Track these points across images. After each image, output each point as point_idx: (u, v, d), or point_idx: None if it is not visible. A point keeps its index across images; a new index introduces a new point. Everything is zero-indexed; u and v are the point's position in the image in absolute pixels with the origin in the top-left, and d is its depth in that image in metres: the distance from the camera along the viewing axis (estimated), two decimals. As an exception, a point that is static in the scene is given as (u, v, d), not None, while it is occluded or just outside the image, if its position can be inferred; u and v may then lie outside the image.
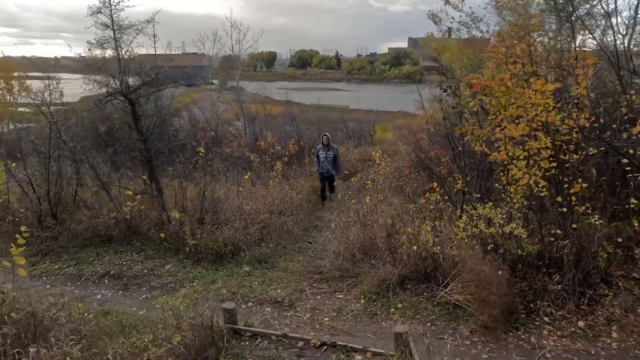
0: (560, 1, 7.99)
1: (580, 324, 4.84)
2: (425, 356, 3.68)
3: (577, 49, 7.16)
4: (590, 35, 7.28)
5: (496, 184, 6.17)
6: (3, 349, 3.12)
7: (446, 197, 6.49)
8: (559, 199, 5.36)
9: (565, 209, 5.38)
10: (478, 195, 6.19)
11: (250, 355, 3.64)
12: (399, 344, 3.44)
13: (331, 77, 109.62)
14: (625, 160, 5.29)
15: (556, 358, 4.36)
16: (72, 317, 3.85)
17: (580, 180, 5.32)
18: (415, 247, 5.67)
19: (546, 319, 4.93)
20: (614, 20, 7.40)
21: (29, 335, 3.33)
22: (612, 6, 8.70)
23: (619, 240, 5.39)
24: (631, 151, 5.17)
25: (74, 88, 10.43)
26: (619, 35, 7.16)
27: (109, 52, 8.02)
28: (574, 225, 5.34)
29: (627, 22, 7.98)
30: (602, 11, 8.06)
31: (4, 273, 4.46)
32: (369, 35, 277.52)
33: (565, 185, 5.44)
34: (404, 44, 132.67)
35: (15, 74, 25.60)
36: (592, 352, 4.41)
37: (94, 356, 3.25)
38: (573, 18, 6.90)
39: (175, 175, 9.31)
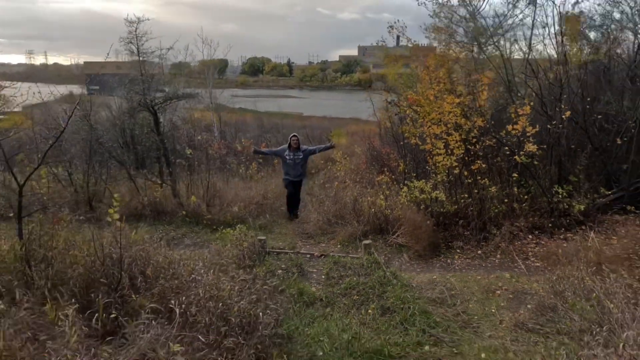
0: (468, 41, 10.85)
1: (479, 252, 7.54)
2: (383, 262, 6.23)
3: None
4: (492, 63, 10.22)
5: (426, 166, 8.88)
6: (141, 259, 5.35)
7: (393, 177, 9.18)
8: (466, 173, 8.12)
9: (470, 181, 8.14)
10: (414, 174, 8.91)
11: (280, 260, 6.14)
12: (367, 250, 6.01)
13: (283, 84, 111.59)
14: (506, 148, 8.09)
15: (462, 269, 7.01)
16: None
17: (479, 161, 8.09)
18: (373, 210, 8.27)
19: (458, 250, 7.61)
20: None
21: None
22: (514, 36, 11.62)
23: (506, 200, 8.19)
24: (509, 141, 7.99)
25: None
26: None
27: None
28: (476, 192, 8.11)
29: (524, 49, 11.00)
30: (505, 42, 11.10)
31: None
32: (320, 43, 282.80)
33: (472, 166, 8.21)
34: (354, 51, 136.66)
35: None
36: (483, 264, 7.12)
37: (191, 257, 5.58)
38: (477, 50, 9.78)
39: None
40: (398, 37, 16.07)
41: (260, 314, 3.76)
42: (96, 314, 3.82)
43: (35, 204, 9.92)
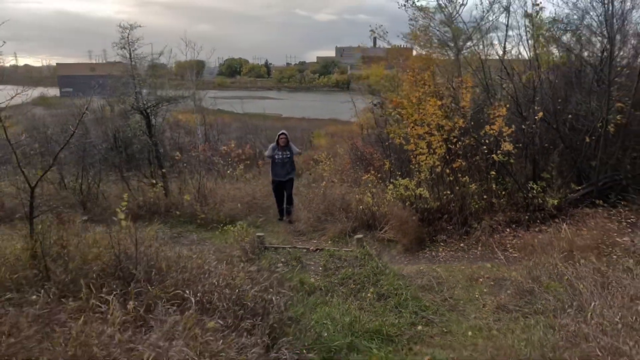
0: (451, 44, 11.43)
1: (461, 244, 8.07)
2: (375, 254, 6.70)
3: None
4: (470, 66, 10.80)
5: (410, 165, 9.39)
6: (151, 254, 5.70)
7: (379, 176, 9.67)
8: (448, 171, 8.65)
9: (452, 178, 8.67)
10: (399, 173, 9.42)
11: (279, 254, 6.56)
12: (359, 244, 6.47)
13: (261, 85, 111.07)
14: (485, 147, 8.65)
15: (446, 260, 7.52)
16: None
17: (460, 159, 8.63)
18: (361, 207, 8.74)
19: (442, 243, 8.13)
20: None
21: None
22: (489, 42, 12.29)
23: (485, 196, 8.74)
24: (487, 141, 8.55)
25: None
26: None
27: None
28: (458, 188, 8.65)
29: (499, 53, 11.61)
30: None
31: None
32: (297, 44, 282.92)
33: (453, 164, 8.74)
34: (331, 52, 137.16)
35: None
36: (466, 256, 7.64)
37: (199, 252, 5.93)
38: (455, 53, 10.35)
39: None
40: (375, 38, 16.61)
41: (273, 298, 4.18)
42: (121, 302, 4.16)
43: (39, 207, 10.14)
